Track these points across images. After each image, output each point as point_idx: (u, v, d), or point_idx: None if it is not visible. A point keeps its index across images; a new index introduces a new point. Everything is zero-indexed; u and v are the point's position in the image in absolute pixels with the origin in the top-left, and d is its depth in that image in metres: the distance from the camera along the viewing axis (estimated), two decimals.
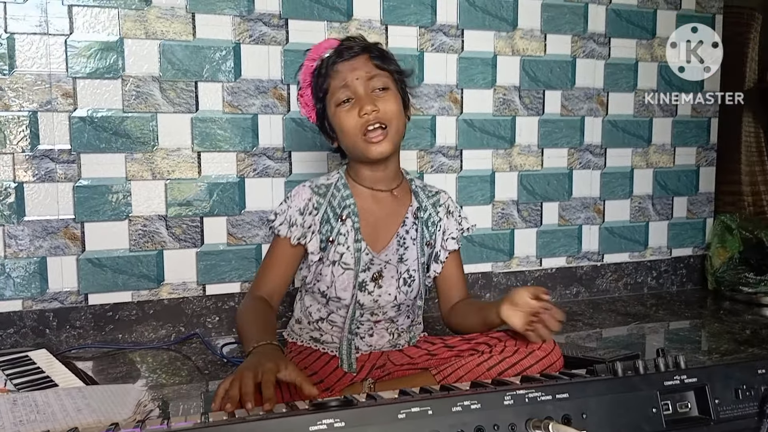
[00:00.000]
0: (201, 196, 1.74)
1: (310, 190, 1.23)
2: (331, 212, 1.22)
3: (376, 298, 1.24)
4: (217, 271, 1.77)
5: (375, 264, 1.23)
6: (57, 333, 1.65)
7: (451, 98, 1.97)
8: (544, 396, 0.72)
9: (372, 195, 1.25)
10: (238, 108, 1.76)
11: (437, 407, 0.69)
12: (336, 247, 1.21)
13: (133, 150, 1.68)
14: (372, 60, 1.19)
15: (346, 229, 1.21)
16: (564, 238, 2.16)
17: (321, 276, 1.23)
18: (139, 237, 1.70)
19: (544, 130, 2.10)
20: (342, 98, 1.18)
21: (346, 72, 1.18)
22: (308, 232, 1.21)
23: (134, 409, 1.10)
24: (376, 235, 1.24)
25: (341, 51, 1.20)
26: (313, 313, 1.27)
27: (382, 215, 1.25)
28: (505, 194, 2.06)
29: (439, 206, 1.31)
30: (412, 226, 1.27)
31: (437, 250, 1.30)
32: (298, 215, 1.21)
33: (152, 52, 1.68)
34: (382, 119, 1.17)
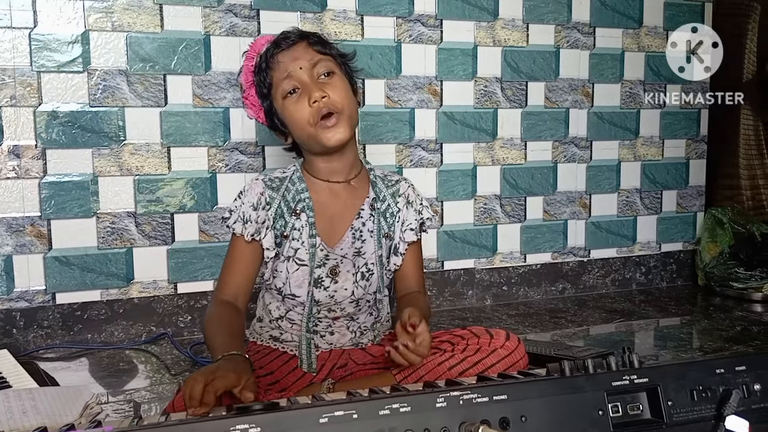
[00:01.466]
0: (171, 193, 1.71)
1: (262, 184, 1.20)
2: (285, 207, 1.19)
3: (332, 293, 1.20)
4: (189, 269, 1.74)
5: (330, 259, 1.20)
6: (24, 333, 1.62)
7: (430, 90, 1.93)
8: (480, 398, 0.68)
9: (328, 188, 1.22)
10: (209, 101, 1.72)
11: (363, 411, 0.65)
12: (291, 242, 1.18)
13: (101, 145, 1.65)
14: (312, 46, 1.17)
15: (300, 224, 1.18)
16: (549, 234, 2.12)
17: (277, 272, 1.20)
18: (107, 234, 1.67)
19: (528, 122, 2.06)
20: (288, 89, 1.15)
21: (287, 62, 1.15)
22: (262, 227, 1.18)
23: (81, 412, 1.07)
24: (331, 229, 1.21)
25: (278, 42, 1.17)
26: (272, 311, 1.24)
27: (338, 208, 1.22)
28: (487, 189, 2.02)
29: (399, 196, 1.27)
30: (369, 218, 1.23)
31: (396, 242, 1.26)
32: (251, 211, 1.18)
33: (119, 44, 1.65)
34: (333, 105, 1.14)
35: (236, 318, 1.13)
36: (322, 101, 1.13)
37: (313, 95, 1.13)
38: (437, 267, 1.99)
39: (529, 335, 1.72)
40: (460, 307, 2.01)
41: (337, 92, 1.14)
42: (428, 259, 1.97)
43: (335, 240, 1.20)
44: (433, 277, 1.97)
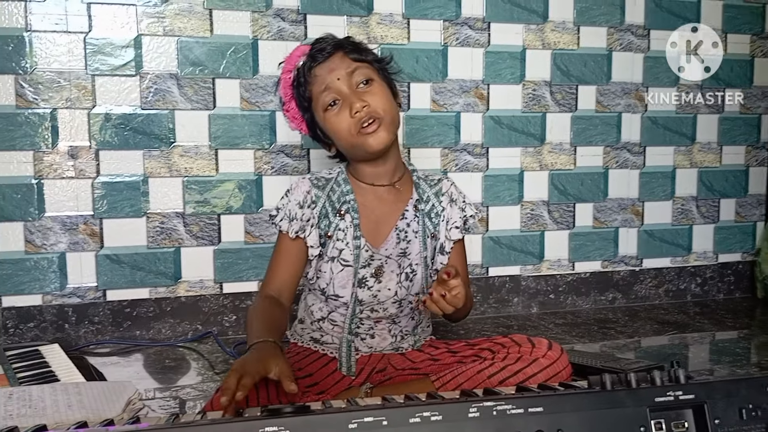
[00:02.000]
0: (218, 194, 1.74)
1: (309, 183, 1.21)
2: (330, 207, 1.20)
3: (375, 293, 1.20)
4: (234, 270, 1.76)
5: (375, 259, 1.20)
6: (76, 328, 1.67)
7: (476, 94, 1.91)
8: (515, 409, 0.66)
9: (373, 191, 1.22)
10: (256, 104, 1.74)
11: (393, 418, 0.64)
12: (335, 243, 1.19)
13: (151, 147, 1.69)
14: (348, 55, 1.16)
15: (345, 224, 1.19)
16: (599, 241, 2.06)
17: (321, 273, 1.21)
18: (156, 234, 1.71)
19: (578, 127, 2.01)
20: (328, 101, 1.15)
21: (324, 74, 1.15)
22: (307, 225, 1.19)
23: (123, 407, 1.09)
24: (376, 230, 1.21)
25: (314, 55, 1.17)
26: (314, 312, 1.25)
27: (382, 210, 1.22)
28: (534, 194, 1.99)
29: (442, 195, 1.27)
30: (413, 219, 1.23)
31: (442, 241, 1.25)
32: (297, 209, 1.19)
33: (170, 49, 1.68)
34: (374, 113, 1.14)
35: (277, 310, 1.14)
36: (364, 111, 1.13)
37: (354, 106, 1.13)
38: (482, 273, 1.96)
39: (577, 345, 1.67)
40: (505, 314, 1.98)
41: (377, 99, 1.14)
42: (473, 265, 1.94)
43: (379, 241, 1.21)
44: (477, 283, 1.95)
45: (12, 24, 1.58)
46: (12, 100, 1.59)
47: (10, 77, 1.59)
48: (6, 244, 1.61)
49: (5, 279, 1.62)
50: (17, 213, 1.61)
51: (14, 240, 1.62)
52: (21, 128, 1.60)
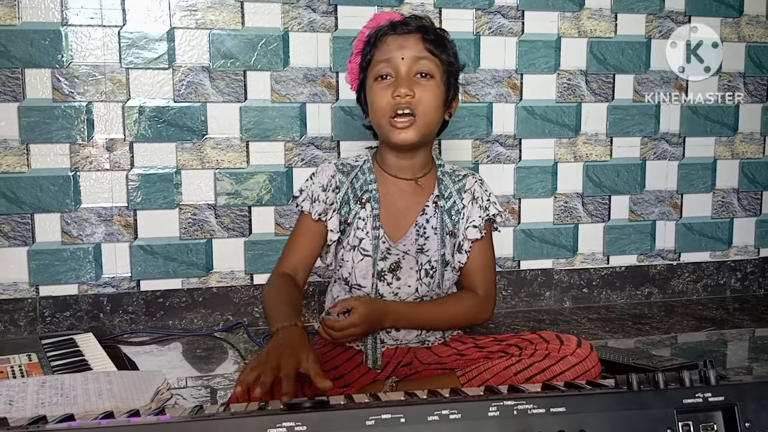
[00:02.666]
0: (249, 186, 1.75)
1: (334, 167, 1.22)
2: (352, 194, 1.21)
3: (395, 290, 1.20)
4: (265, 261, 1.78)
5: (392, 254, 1.20)
6: (110, 317, 1.71)
7: (509, 84, 1.88)
8: (537, 409, 0.64)
9: (395, 183, 1.22)
10: (286, 96, 1.75)
11: (411, 415, 0.63)
12: (355, 231, 1.19)
13: (184, 139, 1.71)
14: (424, 41, 1.13)
15: (365, 213, 1.19)
16: (635, 235, 2.02)
17: (343, 262, 1.21)
18: (189, 225, 1.73)
19: (614, 117, 1.96)
20: (381, 73, 1.14)
21: (393, 47, 1.13)
22: (329, 209, 1.20)
23: (152, 397, 1.11)
24: (395, 224, 1.21)
25: (396, 24, 1.15)
26: None
27: (403, 204, 1.21)
28: (568, 186, 1.95)
29: (465, 192, 1.24)
30: (433, 215, 1.22)
31: (460, 239, 1.23)
32: (320, 191, 1.20)
33: (202, 41, 1.70)
34: (414, 106, 1.12)
35: (294, 289, 1.15)
36: (405, 99, 1.11)
37: (399, 90, 1.11)
38: (513, 266, 1.94)
39: (610, 341, 1.64)
40: (537, 308, 1.95)
41: (424, 96, 1.12)
42: (504, 258, 1.92)
43: (399, 235, 1.20)
44: (508, 276, 1.93)
45: (48, 18, 1.61)
46: (49, 93, 1.62)
47: (47, 71, 1.62)
48: (44, 235, 1.65)
49: (42, 269, 1.66)
50: (54, 204, 1.65)
51: (51, 231, 1.66)
52: (57, 121, 1.64)
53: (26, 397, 1.08)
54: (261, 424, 0.61)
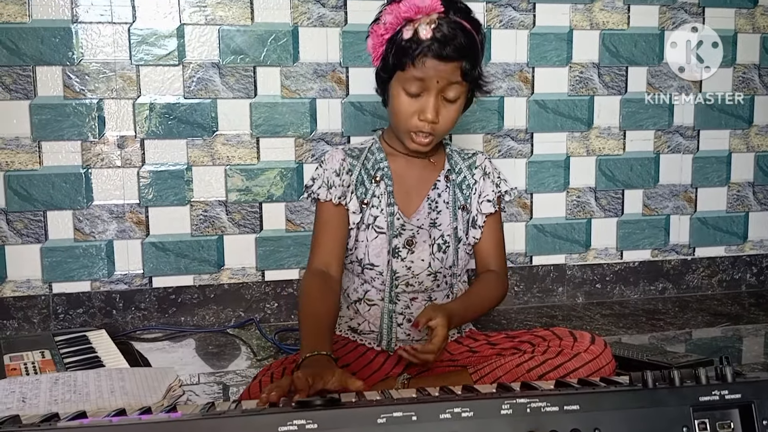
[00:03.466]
0: (260, 182, 1.75)
1: (342, 153, 1.21)
2: (366, 174, 1.20)
3: (409, 264, 1.19)
4: (276, 257, 1.78)
5: (407, 229, 1.19)
6: (123, 314, 1.71)
7: (521, 77, 1.87)
8: (550, 407, 0.64)
9: (406, 159, 1.21)
10: (296, 92, 1.75)
11: (423, 413, 0.63)
12: (371, 209, 1.19)
13: (194, 136, 1.71)
14: (461, 68, 1.10)
15: (380, 191, 1.19)
16: (649, 229, 2.00)
17: (358, 242, 1.20)
18: (200, 222, 1.73)
19: (627, 110, 1.95)
20: (412, 90, 1.11)
21: (430, 71, 1.09)
22: (347, 191, 1.19)
23: (164, 393, 1.11)
24: (408, 199, 1.21)
25: (440, 46, 1.07)
26: (350, 294, 1.24)
27: (414, 180, 1.22)
28: (581, 180, 1.94)
29: (475, 168, 1.24)
30: (444, 190, 1.22)
31: (474, 214, 1.23)
32: (334, 176, 1.18)
33: (212, 38, 1.70)
34: (435, 132, 1.13)
35: (328, 297, 1.12)
36: (429, 127, 1.12)
37: (426, 115, 1.10)
38: (525, 262, 1.93)
39: (624, 337, 1.63)
40: (549, 304, 1.94)
41: (446, 121, 1.13)
42: (516, 254, 1.92)
43: (411, 210, 1.21)
44: (520, 272, 1.92)
45: (59, 16, 1.62)
46: (60, 91, 1.63)
47: (58, 68, 1.63)
48: (56, 232, 1.66)
49: (55, 266, 1.67)
50: (66, 202, 1.66)
51: (64, 228, 1.67)
52: (69, 119, 1.64)
53: (39, 394, 1.09)
54: (272, 421, 0.61)
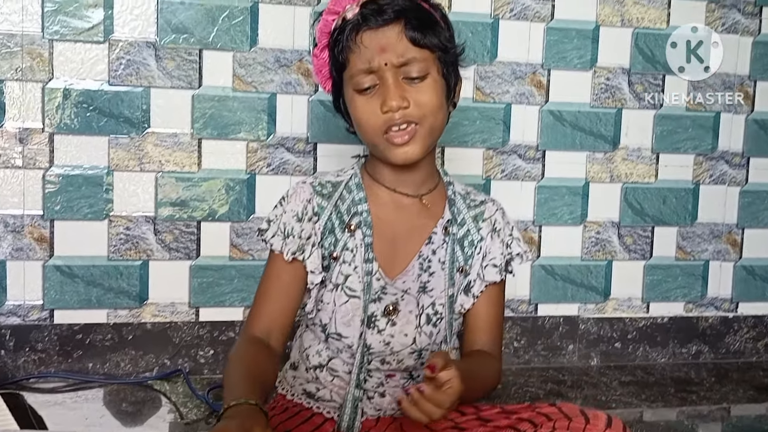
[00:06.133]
0: (200, 195, 1.74)
1: (310, 189, 1.21)
2: (337, 220, 1.20)
3: (388, 339, 1.18)
4: (215, 292, 1.76)
5: (389, 293, 1.19)
6: (14, 356, 1.67)
7: (533, 81, 1.89)
8: None
9: (393, 201, 1.21)
10: (252, 85, 1.74)
11: None
12: (340, 266, 1.18)
13: (119, 133, 1.69)
14: (408, 32, 1.12)
15: (354, 243, 1.19)
16: (682, 277, 2.03)
17: (322, 304, 1.20)
18: (120, 242, 1.71)
19: (662, 128, 1.97)
20: (364, 85, 1.14)
21: (372, 50, 1.12)
22: (307, 244, 1.18)
23: None
24: (393, 254, 1.20)
25: (367, 15, 1.13)
26: (311, 356, 1.23)
27: (403, 229, 1.21)
28: (602, 213, 1.96)
29: (483, 221, 1.26)
30: (441, 245, 1.22)
31: (472, 278, 1.24)
32: (294, 222, 1.18)
33: (148, 10, 1.68)
34: (412, 116, 1.13)
35: (263, 359, 1.13)
36: (399, 112, 1.12)
37: (389, 103, 1.11)
38: (529, 311, 1.94)
39: (647, 413, 1.64)
40: (556, 365, 1.95)
41: (423, 98, 1.13)
42: (517, 301, 1.92)
43: (397, 269, 1.20)
44: (522, 324, 1.92)
45: None
46: None
47: None
48: None
49: None
50: None
51: None
52: None
53: None
54: None
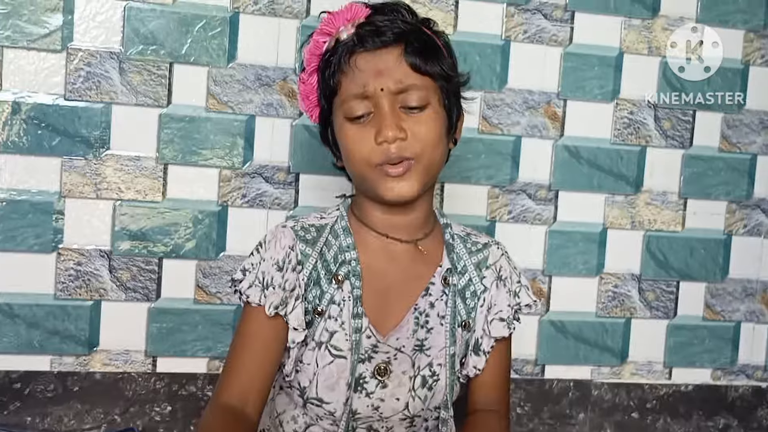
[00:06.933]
0: (163, 228, 1.70)
1: (292, 235, 1.20)
2: (323, 269, 1.19)
3: (377, 403, 1.17)
4: (176, 340, 1.72)
5: (380, 352, 1.18)
6: None
7: (547, 113, 1.85)
8: None
9: (384, 246, 1.21)
10: (229, 105, 1.71)
11: None
12: (326, 321, 1.18)
13: (74, 153, 1.65)
14: (409, 57, 1.14)
15: (342, 295, 1.18)
16: (711, 340, 1.98)
17: (302, 365, 1.18)
18: (69, 279, 1.67)
19: (692, 170, 1.94)
20: (356, 113, 1.15)
21: (368, 74, 1.13)
22: (290, 297, 1.17)
23: None
24: (385, 308, 1.19)
25: (363, 36, 1.15)
26: (285, 423, 1.22)
27: (396, 279, 1.21)
28: (621, 264, 1.92)
29: (486, 268, 1.26)
30: (440, 297, 1.21)
31: (479, 335, 1.24)
32: (275, 272, 1.17)
33: (114, 17, 1.65)
34: (408, 151, 1.13)
35: None
36: (395, 144, 1.12)
37: (385, 132, 1.11)
38: (535, 373, 1.89)
39: None
40: None
41: (421, 133, 1.13)
42: (522, 361, 1.88)
43: (389, 325, 1.19)
44: (527, 387, 1.88)
45: None
46: None
47: None
48: None
49: None
50: None
51: None
52: None
53: None
54: None
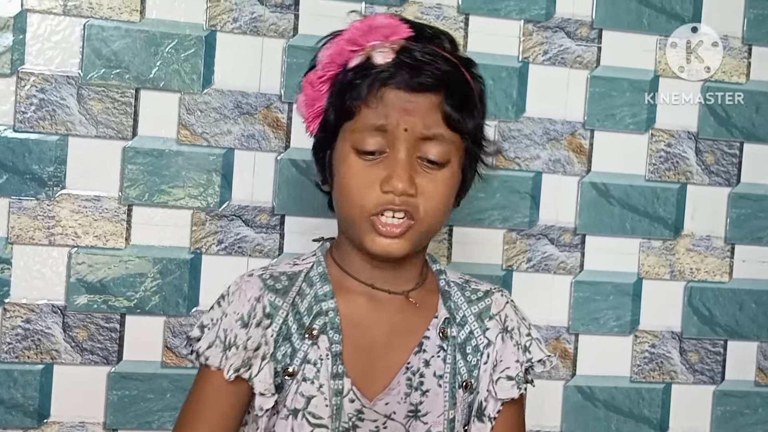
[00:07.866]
0: (126, 280, 1.65)
1: (260, 284, 1.18)
2: (295, 323, 1.16)
3: None
4: (141, 409, 1.66)
5: (367, 419, 1.15)
6: None
7: (571, 145, 1.81)
8: None
9: (369, 296, 1.19)
10: (203, 137, 1.67)
11: None
12: (299, 384, 1.15)
13: (24, 193, 1.61)
14: (445, 108, 1.12)
15: (318, 353, 1.16)
16: (764, 410, 1.93)
17: None
18: (16, 339, 1.61)
19: (740, 211, 1.89)
20: (367, 147, 1.12)
21: (394, 109, 1.11)
22: (255, 358, 1.14)
23: None
24: (370, 367, 1.17)
25: (401, 70, 1.11)
26: None
27: (383, 333, 1.19)
28: (659, 320, 1.86)
29: (489, 318, 1.24)
30: (436, 354, 1.19)
31: (483, 397, 1.21)
32: (238, 329, 1.14)
33: (72, 37, 1.61)
34: (413, 206, 1.11)
35: None
36: (400, 198, 1.10)
37: (395, 183, 1.09)
38: None
39: None
40: None
41: (431, 192, 1.12)
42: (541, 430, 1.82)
43: (377, 387, 1.17)
44: None
45: None
46: None
47: None
48: None
49: None
50: None
51: None
52: None
53: None
54: None
